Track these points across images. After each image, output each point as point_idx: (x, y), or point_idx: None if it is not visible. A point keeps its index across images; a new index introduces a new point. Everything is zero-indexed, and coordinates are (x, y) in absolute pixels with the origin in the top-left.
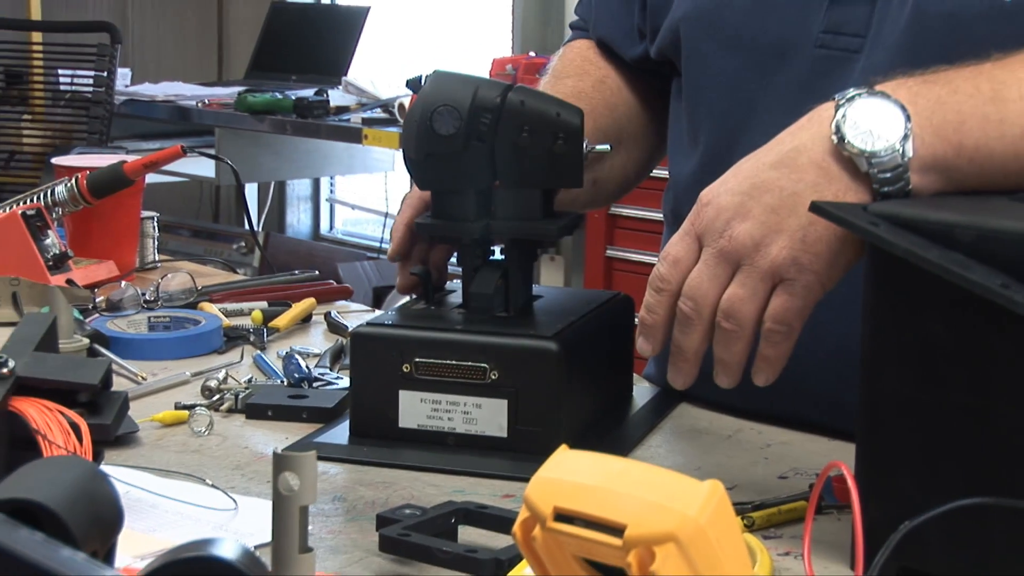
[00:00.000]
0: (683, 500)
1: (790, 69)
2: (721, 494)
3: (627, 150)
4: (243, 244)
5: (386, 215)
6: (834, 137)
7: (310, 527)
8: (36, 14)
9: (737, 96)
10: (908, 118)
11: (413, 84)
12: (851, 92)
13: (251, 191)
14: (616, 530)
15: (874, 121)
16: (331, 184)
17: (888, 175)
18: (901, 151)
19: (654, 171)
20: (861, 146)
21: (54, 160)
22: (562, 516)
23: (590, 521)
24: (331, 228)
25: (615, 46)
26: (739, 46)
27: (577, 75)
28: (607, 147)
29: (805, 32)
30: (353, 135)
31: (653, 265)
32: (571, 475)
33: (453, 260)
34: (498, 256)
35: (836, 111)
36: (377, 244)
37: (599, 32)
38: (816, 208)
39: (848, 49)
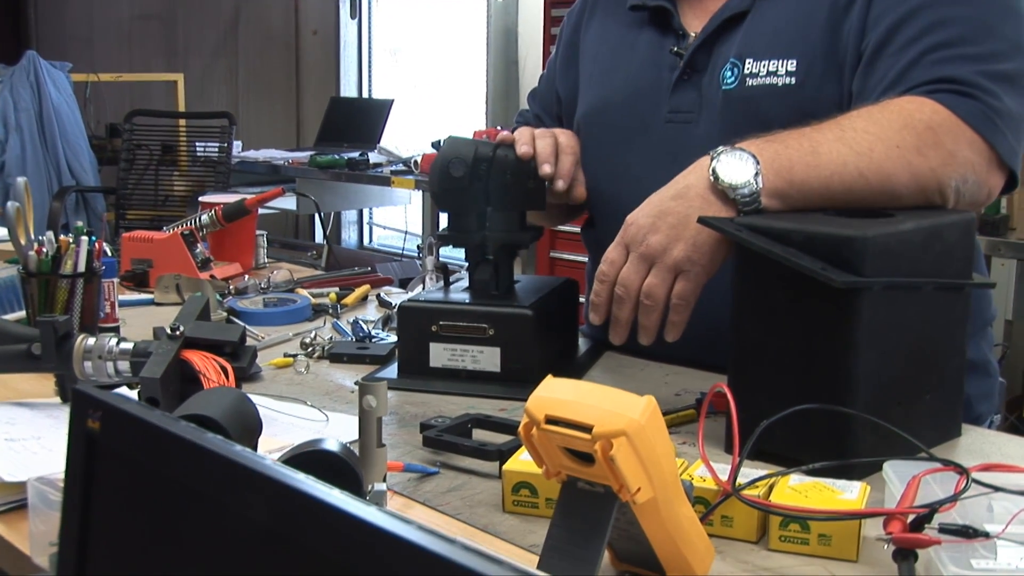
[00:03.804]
0: (630, 409)
1: (649, 139)
2: (654, 405)
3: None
4: (314, 252)
5: (405, 233)
6: (711, 177)
7: None
8: (182, 107)
9: (616, 158)
10: (757, 163)
11: (436, 144)
12: (720, 149)
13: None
14: (587, 428)
15: (736, 166)
16: (370, 213)
17: (747, 199)
18: (754, 184)
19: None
20: (729, 181)
21: (201, 199)
22: (551, 420)
23: (569, 423)
24: (371, 241)
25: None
26: (617, 127)
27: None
28: (562, 183)
29: (657, 114)
30: (384, 181)
31: (582, 262)
32: (556, 394)
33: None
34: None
35: (711, 161)
36: (400, 251)
37: (538, 111)
38: (703, 220)
39: (685, 122)
